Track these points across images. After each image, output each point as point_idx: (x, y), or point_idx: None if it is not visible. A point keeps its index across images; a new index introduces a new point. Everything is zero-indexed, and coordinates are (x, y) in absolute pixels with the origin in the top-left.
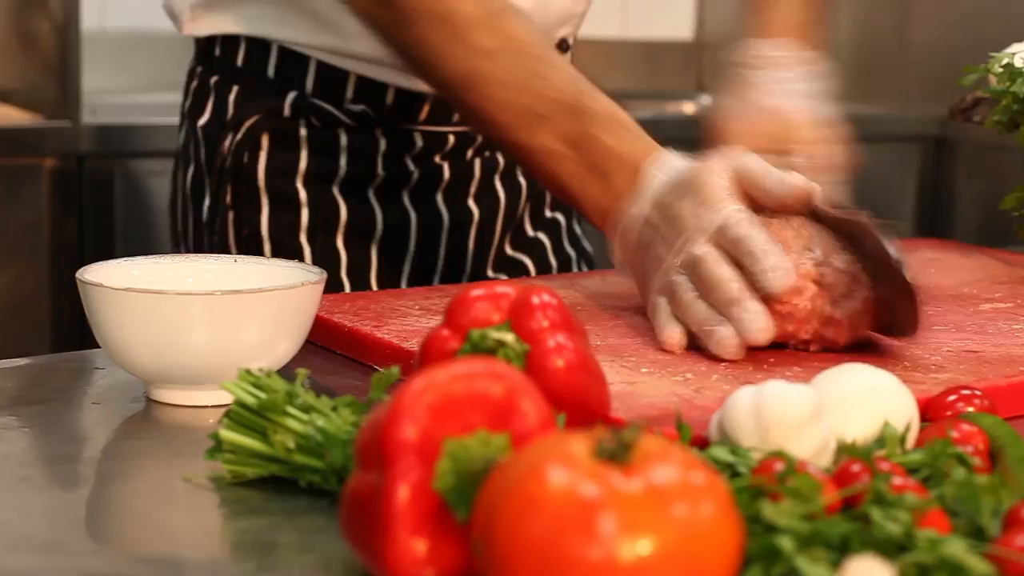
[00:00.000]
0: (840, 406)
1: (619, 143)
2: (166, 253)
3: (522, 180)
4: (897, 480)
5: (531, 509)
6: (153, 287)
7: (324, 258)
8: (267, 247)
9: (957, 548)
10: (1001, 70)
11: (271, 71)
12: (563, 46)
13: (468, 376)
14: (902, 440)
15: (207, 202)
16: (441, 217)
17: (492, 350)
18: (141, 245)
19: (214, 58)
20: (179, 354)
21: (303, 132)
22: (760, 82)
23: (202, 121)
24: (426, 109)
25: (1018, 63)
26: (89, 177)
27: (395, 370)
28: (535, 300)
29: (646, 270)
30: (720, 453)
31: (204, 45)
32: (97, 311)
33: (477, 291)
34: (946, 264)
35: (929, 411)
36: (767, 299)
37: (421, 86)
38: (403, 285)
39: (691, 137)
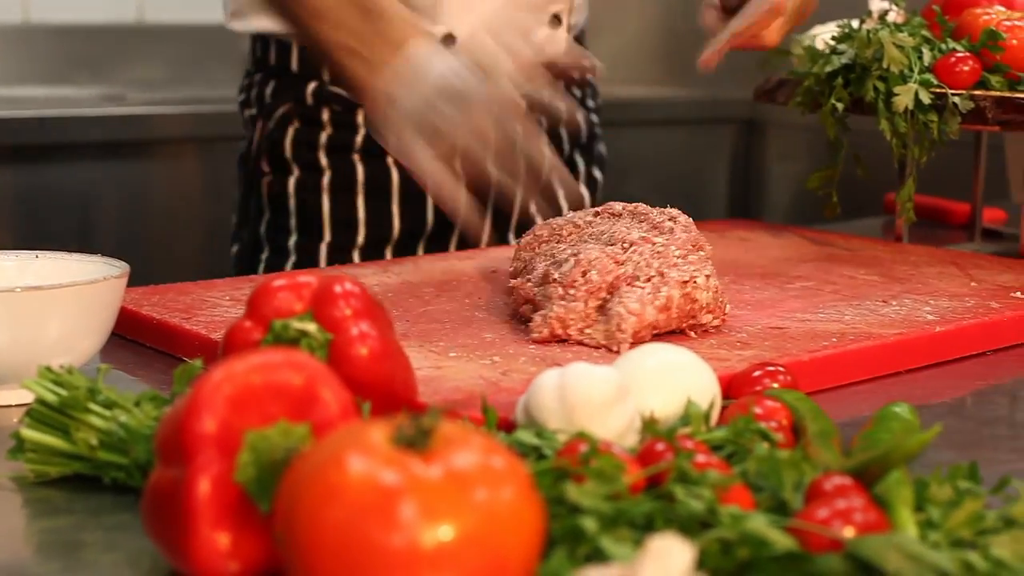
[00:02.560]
0: (643, 385)
1: (388, 26)
2: None
3: None
4: (700, 458)
5: (331, 498)
6: None
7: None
8: (292, 203)
9: (759, 523)
10: (803, 52)
11: (295, 65)
12: (556, 21)
13: (267, 367)
14: (706, 417)
15: (245, 177)
16: None
17: (295, 340)
18: None
19: (255, 58)
20: None
21: (325, 116)
22: None
23: (249, 113)
24: None
25: (819, 45)
26: None
27: (198, 363)
28: (337, 289)
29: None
30: (526, 436)
31: (250, 46)
32: None
33: (279, 281)
34: (756, 244)
35: (734, 387)
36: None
37: None
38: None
39: None
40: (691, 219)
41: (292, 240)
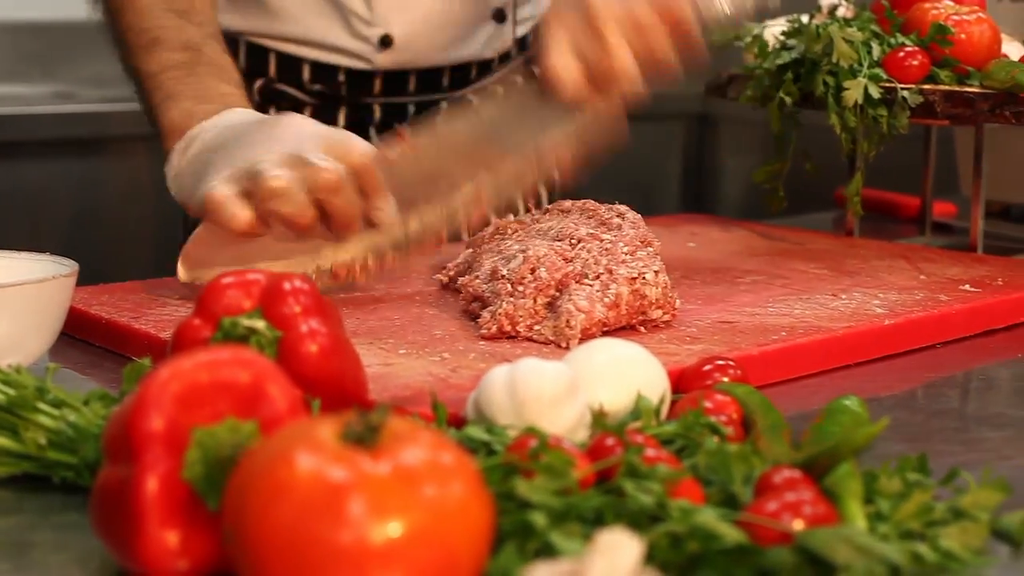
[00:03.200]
0: (593, 380)
1: (219, 86)
2: None
3: None
4: (650, 452)
5: (279, 495)
6: None
7: None
8: None
9: (708, 517)
10: (751, 39)
11: (242, 63)
12: (499, 17)
13: (214, 364)
14: (656, 412)
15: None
16: None
17: (244, 338)
18: None
19: None
20: None
21: (272, 112)
22: None
23: None
24: (379, 84)
25: (769, 40)
26: None
27: (146, 361)
28: (286, 286)
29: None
30: (476, 432)
31: None
32: None
33: (228, 278)
34: (706, 238)
35: (684, 382)
36: None
37: (369, 65)
38: None
39: None
40: (640, 215)
41: None
